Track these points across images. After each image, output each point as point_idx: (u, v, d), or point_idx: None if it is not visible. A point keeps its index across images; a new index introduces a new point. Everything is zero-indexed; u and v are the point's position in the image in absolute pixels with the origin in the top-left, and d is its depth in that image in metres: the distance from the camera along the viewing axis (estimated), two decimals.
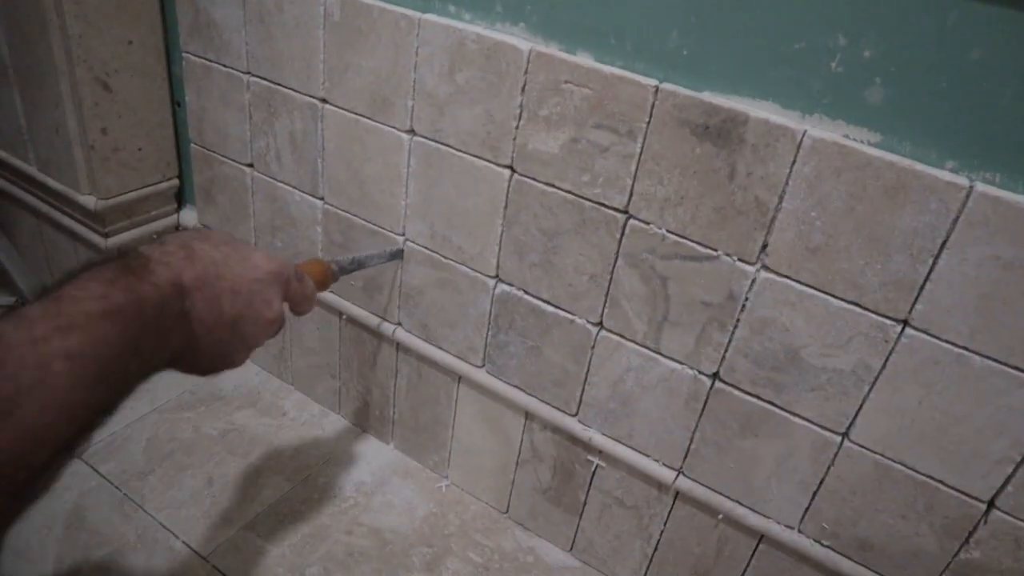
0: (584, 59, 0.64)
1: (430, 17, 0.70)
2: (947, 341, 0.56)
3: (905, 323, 0.58)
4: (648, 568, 0.83)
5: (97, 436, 0.94)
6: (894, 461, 0.62)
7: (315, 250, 0.92)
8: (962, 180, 0.52)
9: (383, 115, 0.78)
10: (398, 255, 0.83)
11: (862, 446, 0.63)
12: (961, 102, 0.52)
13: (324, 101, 0.82)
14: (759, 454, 0.69)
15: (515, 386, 0.83)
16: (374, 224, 0.85)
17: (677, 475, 0.75)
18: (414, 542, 0.88)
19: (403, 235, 0.83)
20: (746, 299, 0.64)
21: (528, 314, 0.77)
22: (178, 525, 0.85)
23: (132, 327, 0.40)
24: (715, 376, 0.69)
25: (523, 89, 0.67)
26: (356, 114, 0.80)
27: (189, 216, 1.06)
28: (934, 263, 0.54)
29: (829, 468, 0.66)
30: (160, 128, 1.00)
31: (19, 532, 0.81)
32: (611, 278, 0.70)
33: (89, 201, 0.96)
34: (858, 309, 0.59)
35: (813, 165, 0.56)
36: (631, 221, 0.67)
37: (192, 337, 0.48)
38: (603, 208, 0.68)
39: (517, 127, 0.69)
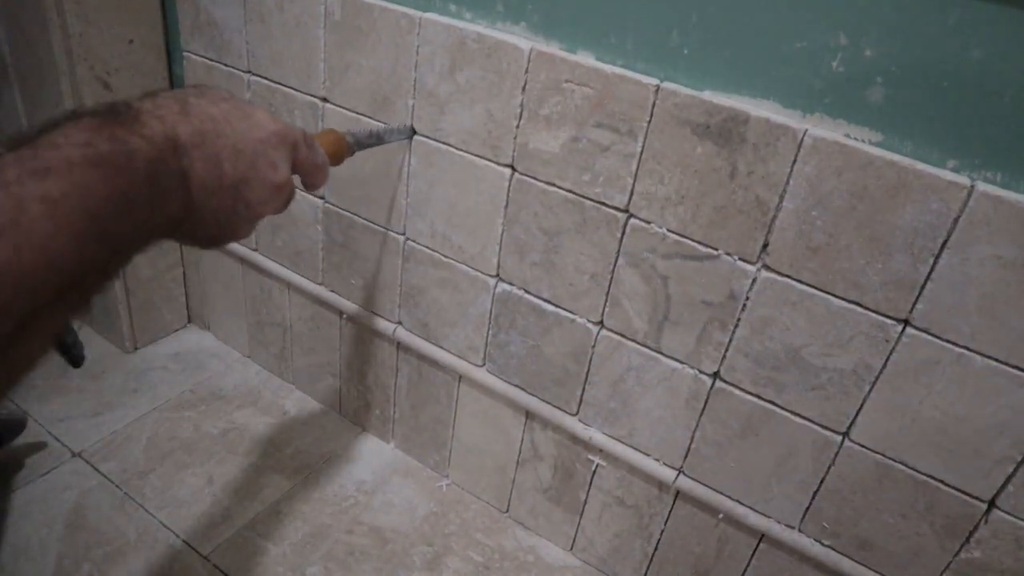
0: (585, 58, 0.64)
1: (431, 16, 0.70)
2: (948, 341, 0.56)
3: (906, 323, 0.58)
4: (648, 567, 0.83)
5: (97, 435, 0.95)
6: (895, 461, 0.62)
7: (316, 248, 0.92)
8: (963, 180, 0.52)
9: (384, 114, 0.78)
10: (411, 132, 0.78)
11: (863, 446, 0.63)
12: (962, 101, 0.51)
13: (325, 100, 0.82)
14: (760, 453, 0.69)
15: (516, 385, 0.83)
16: (375, 223, 0.85)
17: (678, 474, 0.75)
18: (415, 541, 0.88)
19: (404, 234, 0.83)
20: (747, 298, 0.64)
21: (529, 313, 0.77)
22: (178, 524, 0.85)
23: (121, 180, 0.36)
24: (716, 375, 0.69)
25: (524, 88, 0.67)
26: (357, 113, 0.80)
27: None
28: (935, 263, 0.54)
29: (830, 468, 0.66)
30: None
31: (19, 531, 0.81)
32: (612, 277, 0.70)
33: None
34: (859, 309, 0.59)
35: (814, 164, 0.56)
36: (632, 220, 0.67)
37: (191, 200, 0.42)
38: (604, 207, 0.68)
39: (518, 126, 0.69)
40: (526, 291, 0.77)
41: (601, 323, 0.73)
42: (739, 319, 0.65)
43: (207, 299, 1.13)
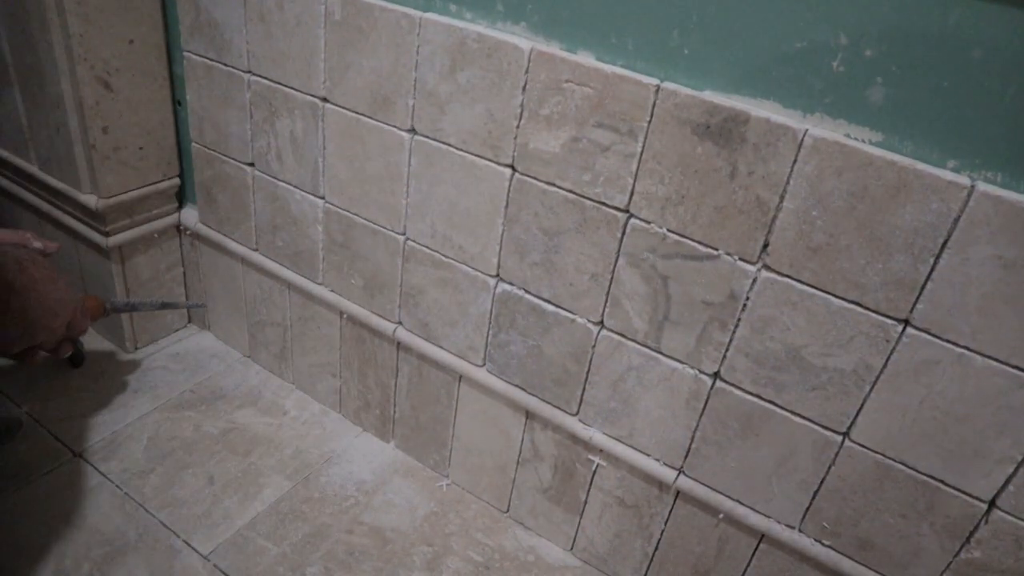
0: (585, 58, 0.64)
1: (431, 16, 0.70)
2: (948, 341, 0.56)
3: (906, 323, 0.58)
4: (649, 567, 0.83)
5: (98, 435, 0.95)
6: (895, 461, 0.62)
7: (316, 248, 0.92)
8: (963, 180, 0.52)
9: (384, 114, 0.78)
10: (174, 307, 0.97)
11: (863, 446, 0.63)
12: (963, 101, 0.51)
13: (325, 100, 0.82)
14: (760, 453, 0.69)
15: (516, 385, 0.83)
16: (375, 223, 0.85)
17: (678, 474, 0.75)
18: (415, 541, 0.88)
19: (404, 234, 0.83)
20: (747, 298, 0.64)
21: (529, 313, 0.78)
22: (179, 524, 0.85)
23: None
24: (716, 375, 0.69)
25: (524, 88, 0.67)
26: (357, 113, 0.80)
27: (190, 215, 1.06)
28: (935, 263, 0.54)
29: (830, 468, 0.66)
30: (161, 127, 1.00)
31: (19, 531, 0.81)
32: (612, 277, 0.70)
33: (90, 200, 0.96)
34: (859, 309, 0.59)
35: (814, 164, 0.56)
36: (632, 220, 0.67)
37: None
38: (604, 207, 0.68)
39: (518, 126, 0.69)
40: (526, 291, 0.77)
41: (601, 323, 0.73)
42: (739, 319, 0.65)
43: (207, 299, 1.13)
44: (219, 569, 0.81)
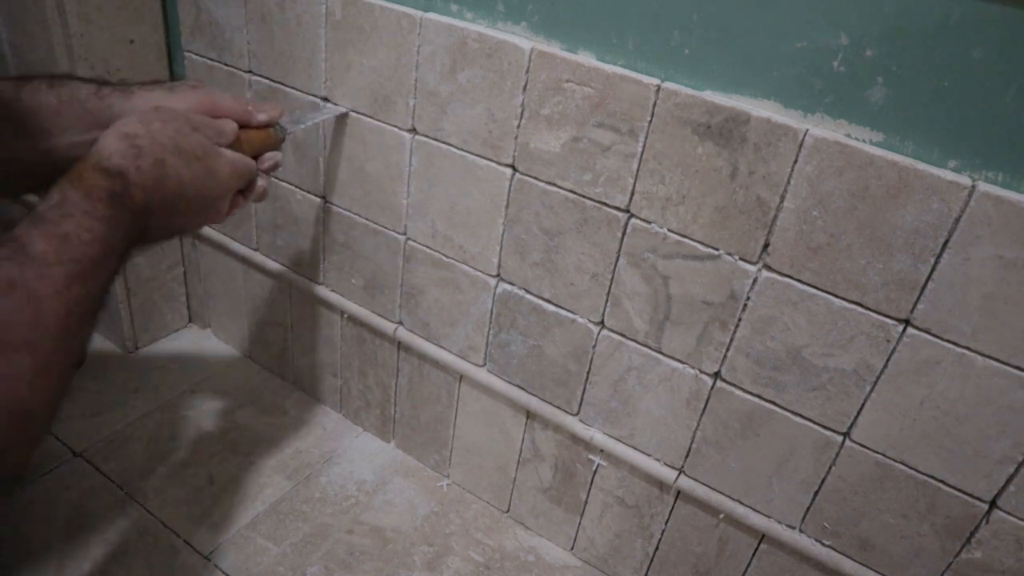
0: (586, 58, 0.64)
1: (432, 16, 0.70)
2: (949, 341, 0.56)
3: (907, 323, 0.57)
4: (649, 567, 0.83)
5: (98, 434, 0.95)
6: (896, 461, 0.62)
7: (316, 248, 0.92)
8: (964, 180, 0.52)
9: (385, 114, 0.78)
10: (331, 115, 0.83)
11: (864, 446, 0.63)
12: (963, 101, 0.51)
13: (326, 100, 0.82)
14: (761, 454, 0.69)
15: (516, 385, 0.83)
16: (375, 223, 0.85)
17: (678, 474, 0.75)
18: (415, 541, 0.88)
19: (404, 234, 0.83)
20: (748, 298, 0.64)
21: (529, 313, 0.77)
22: (179, 524, 0.85)
23: (120, 259, 0.49)
24: (716, 375, 0.69)
25: (525, 88, 0.67)
26: (358, 113, 0.80)
27: None
28: (936, 263, 0.54)
29: (830, 468, 0.66)
30: None
31: (20, 531, 0.81)
32: (612, 277, 0.70)
33: None
34: (860, 309, 0.59)
35: (815, 164, 0.56)
36: (632, 220, 0.67)
37: (142, 239, 0.54)
38: (604, 207, 0.68)
39: (519, 126, 0.69)
40: (527, 291, 0.77)
41: (602, 323, 0.73)
42: (740, 319, 0.65)
43: (208, 299, 1.13)
44: (219, 569, 0.81)
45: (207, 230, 1.04)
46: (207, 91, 0.64)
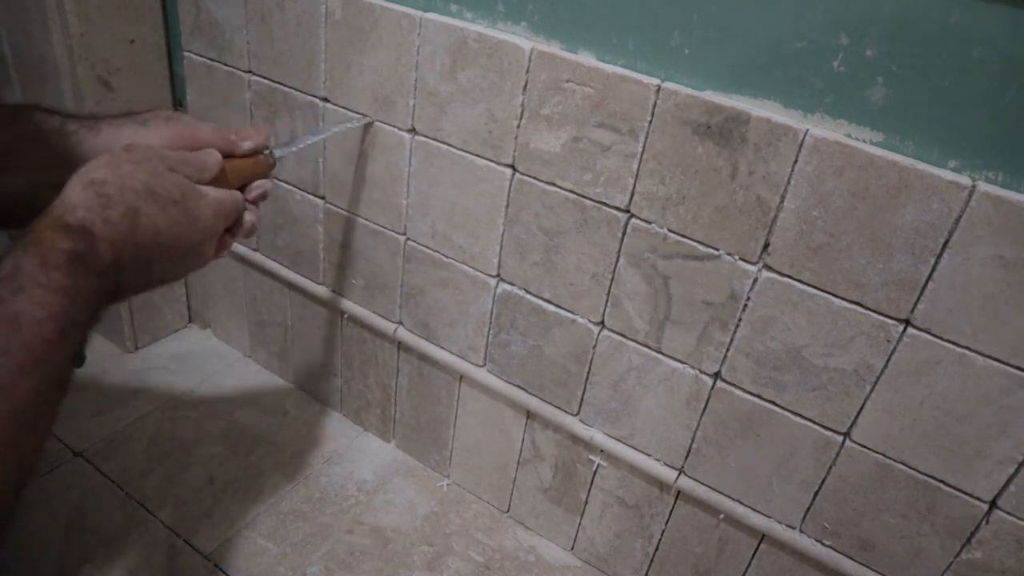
0: (586, 58, 0.64)
1: (432, 16, 0.70)
2: (949, 341, 0.56)
3: (907, 323, 0.57)
4: (649, 567, 0.83)
5: (98, 434, 0.95)
6: (896, 461, 0.62)
7: (316, 248, 0.92)
8: (964, 180, 0.52)
9: (385, 114, 0.78)
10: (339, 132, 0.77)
11: (864, 446, 0.63)
12: (963, 101, 0.51)
13: (325, 100, 0.82)
14: (761, 454, 0.69)
15: (516, 385, 0.83)
16: (376, 223, 0.85)
17: (678, 475, 0.75)
18: (415, 541, 0.88)
19: (404, 234, 0.83)
20: (748, 298, 0.64)
21: (529, 313, 0.77)
22: (179, 524, 0.85)
23: (86, 327, 0.44)
24: (717, 376, 0.69)
25: (525, 88, 0.67)
26: (358, 113, 0.80)
27: None
28: (936, 263, 0.54)
29: (831, 468, 0.66)
30: None
31: (20, 531, 0.81)
32: (612, 277, 0.70)
33: None
34: (860, 309, 0.59)
35: (815, 164, 0.56)
36: (633, 220, 0.67)
37: (117, 297, 0.48)
38: (605, 207, 0.68)
39: (519, 126, 0.69)
40: (527, 291, 0.77)
41: (602, 323, 0.73)
42: (740, 319, 0.65)
43: (208, 299, 1.13)
44: (219, 569, 0.81)
45: None
46: (184, 122, 0.58)
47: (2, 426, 0.37)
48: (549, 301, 0.76)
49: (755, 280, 0.63)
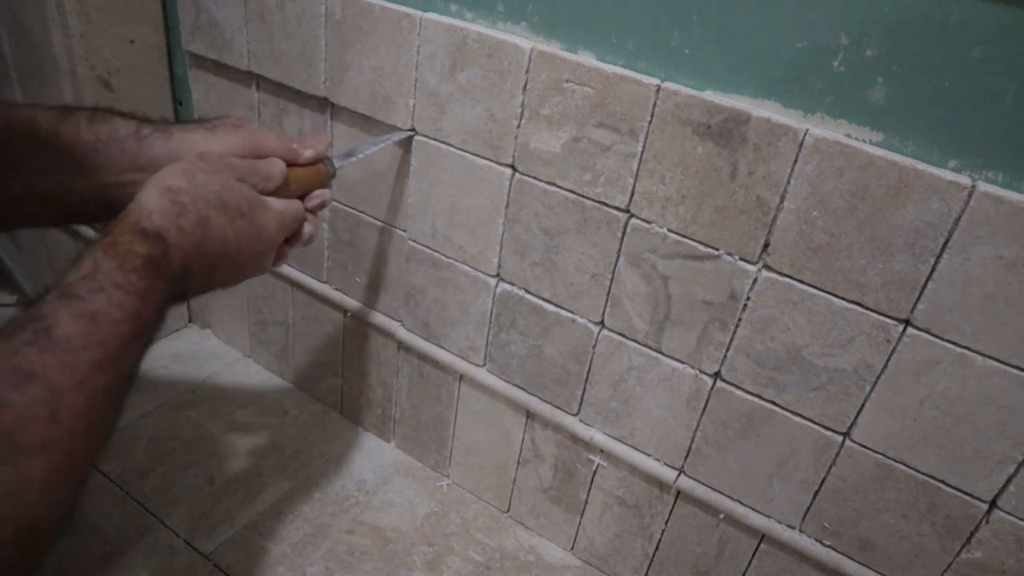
0: (586, 58, 0.64)
1: (431, 16, 0.70)
2: (949, 341, 0.56)
3: (907, 323, 0.57)
4: (649, 567, 0.83)
5: None
6: (896, 461, 0.62)
7: (321, 247, 0.92)
8: (964, 180, 0.52)
9: (384, 114, 0.78)
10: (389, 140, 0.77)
11: (864, 446, 0.63)
12: (963, 101, 0.51)
13: (326, 100, 0.82)
14: (761, 454, 0.69)
15: (516, 385, 0.83)
16: (380, 220, 0.85)
17: (678, 474, 0.75)
18: (415, 541, 0.88)
19: (406, 232, 0.83)
20: (748, 298, 0.64)
21: (529, 313, 0.77)
22: (179, 524, 0.85)
23: (155, 328, 0.46)
24: (717, 375, 0.69)
25: (525, 88, 0.67)
26: (358, 113, 0.80)
27: None
28: (936, 263, 0.54)
29: (831, 468, 0.66)
30: None
31: None
32: (612, 277, 0.70)
33: None
34: (860, 309, 0.59)
35: (815, 164, 0.56)
36: (632, 220, 0.67)
37: (182, 299, 0.51)
38: (604, 207, 0.68)
39: (518, 126, 0.69)
40: (527, 291, 0.77)
41: (602, 323, 0.73)
42: (740, 319, 0.65)
43: (208, 299, 1.13)
44: (220, 569, 0.81)
45: None
46: (250, 130, 0.60)
47: (77, 417, 0.39)
48: (549, 301, 0.76)
49: (755, 280, 0.63)
